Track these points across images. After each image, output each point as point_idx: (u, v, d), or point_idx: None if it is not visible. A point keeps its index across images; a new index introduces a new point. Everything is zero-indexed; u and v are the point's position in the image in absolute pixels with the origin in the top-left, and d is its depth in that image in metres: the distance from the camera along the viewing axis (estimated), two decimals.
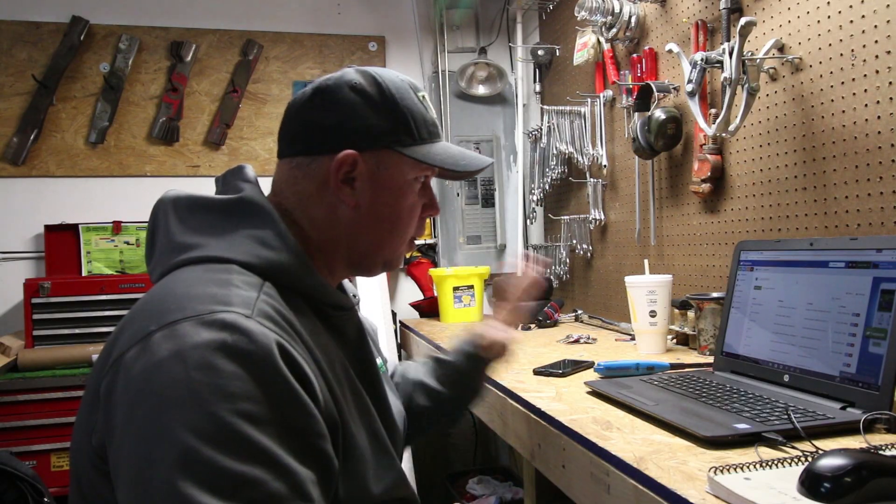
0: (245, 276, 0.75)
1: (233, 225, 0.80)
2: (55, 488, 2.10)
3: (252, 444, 0.63)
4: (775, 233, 1.51)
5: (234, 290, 0.72)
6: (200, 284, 0.72)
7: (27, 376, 2.21)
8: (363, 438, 0.82)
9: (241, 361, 0.65)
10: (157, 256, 0.82)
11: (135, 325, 0.70)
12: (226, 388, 0.63)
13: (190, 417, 0.61)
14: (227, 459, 0.61)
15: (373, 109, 0.85)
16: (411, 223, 0.92)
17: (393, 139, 0.86)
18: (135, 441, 0.63)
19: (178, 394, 0.62)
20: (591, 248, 2.47)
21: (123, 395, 0.66)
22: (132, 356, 0.66)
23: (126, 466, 0.63)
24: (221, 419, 0.62)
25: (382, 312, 2.61)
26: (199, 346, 0.64)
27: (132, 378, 0.65)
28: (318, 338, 0.81)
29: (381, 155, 0.86)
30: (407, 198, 0.89)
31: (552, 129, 2.55)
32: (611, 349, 1.74)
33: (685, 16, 1.81)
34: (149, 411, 0.63)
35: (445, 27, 3.11)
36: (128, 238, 2.71)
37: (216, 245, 0.78)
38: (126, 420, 0.64)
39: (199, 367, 0.63)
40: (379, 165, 0.86)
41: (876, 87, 1.24)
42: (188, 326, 0.66)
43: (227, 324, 0.67)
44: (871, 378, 0.95)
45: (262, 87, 2.95)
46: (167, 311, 0.69)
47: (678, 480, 0.78)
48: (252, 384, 0.65)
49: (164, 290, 0.74)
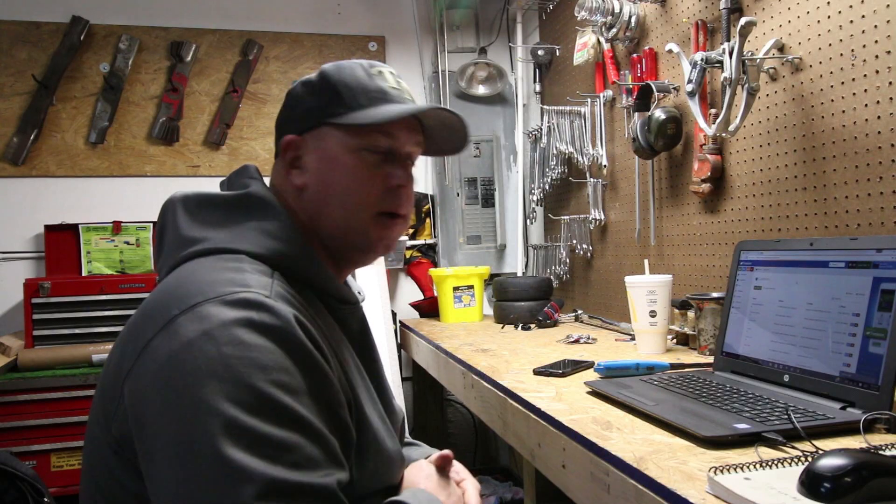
0: (256, 265, 0.78)
1: (240, 218, 0.83)
2: (55, 488, 2.11)
3: (290, 411, 0.66)
4: (775, 233, 1.51)
5: (249, 275, 0.75)
6: (216, 271, 0.74)
7: (27, 376, 2.21)
8: (375, 420, 0.84)
9: (269, 335, 0.68)
10: (166, 253, 0.83)
11: (155, 314, 0.71)
12: (259, 360, 0.66)
13: (228, 390, 0.63)
14: (268, 426, 0.64)
15: (310, 94, 0.89)
16: (365, 193, 0.87)
17: (325, 113, 0.87)
18: (174, 420, 0.64)
19: (213, 369, 0.64)
20: (591, 248, 2.47)
21: (154, 380, 0.66)
22: (158, 342, 0.68)
23: (166, 447, 0.64)
24: (259, 389, 0.64)
25: (382, 312, 2.61)
26: (226, 324, 0.67)
27: (161, 363, 0.66)
28: (326, 325, 0.83)
29: (320, 132, 0.88)
30: (350, 167, 0.86)
31: (552, 129, 2.55)
32: (611, 349, 1.74)
33: (685, 16, 1.81)
34: (185, 390, 0.64)
35: (445, 27, 3.11)
36: (128, 238, 2.71)
37: (224, 237, 0.80)
38: (161, 402, 0.65)
39: (229, 342, 0.66)
40: (319, 143, 0.88)
41: (876, 87, 1.24)
42: (212, 307, 0.68)
43: (250, 302, 0.69)
44: (871, 378, 0.95)
45: (262, 87, 2.95)
46: (188, 296, 0.70)
47: (678, 480, 0.78)
48: (282, 356, 0.68)
49: (179, 279, 0.75)
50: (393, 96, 0.88)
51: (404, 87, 0.91)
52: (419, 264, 3.06)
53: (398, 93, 0.89)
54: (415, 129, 0.91)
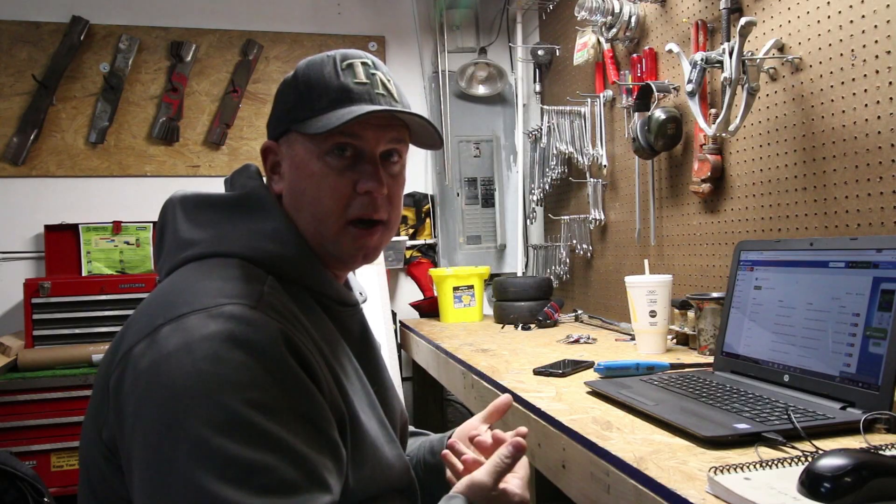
0: (249, 270, 0.77)
1: (236, 220, 0.82)
2: (55, 488, 2.11)
3: (263, 431, 0.64)
4: (775, 233, 1.51)
5: (239, 284, 0.73)
6: (206, 279, 0.74)
7: (27, 376, 2.21)
8: (373, 427, 0.82)
9: (247, 350, 0.66)
10: (165, 254, 0.83)
11: (142, 320, 0.71)
12: (233, 377, 0.64)
13: (200, 408, 0.62)
14: (238, 447, 0.62)
15: (283, 95, 0.86)
16: (332, 200, 0.82)
17: (291, 119, 0.84)
18: (146, 433, 0.64)
19: (186, 385, 0.63)
20: (591, 248, 2.47)
21: (132, 388, 0.66)
22: (140, 350, 0.67)
23: (139, 458, 0.64)
24: (230, 408, 0.63)
25: (382, 312, 2.61)
26: (206, 338, 0.65)
27: (140, 372, 0.66)
28: (323, 330, 0.81)
29: (289, 138, 0.85)
30: (317, 174, 0.82)
31: (552, 129, 2.55)
32: (611, 349, 1.74)
33: (685, 16, 1.81)
34: (159, 404, 0.64)
35: (445, 27, 3.11)
36: (128, 238, 2.71)
37: (219, 241, 0.80)
38: (137, 413, 0.65)
39: (205, 357, 0.64)
40: (289, 149, 0.85)
41: (876, 87, 1.24)
42: (195, 319, 0.67)
43: (233, 315, 0.68)
44: (871, 378, 0.95)
45: (262, 87, 2.95)
46: (174, 306, 0.70)
47: (678, 480, 0.78)
48: (260, 372, 0.66)
49: (171, 286, 0.75)
50: (357, 94, 0.82)
51: (377, 80, 0.84)
52: (419, 264, 3.06)
53: (365, 88, 0.82)
54: (389, 126, 0.84)
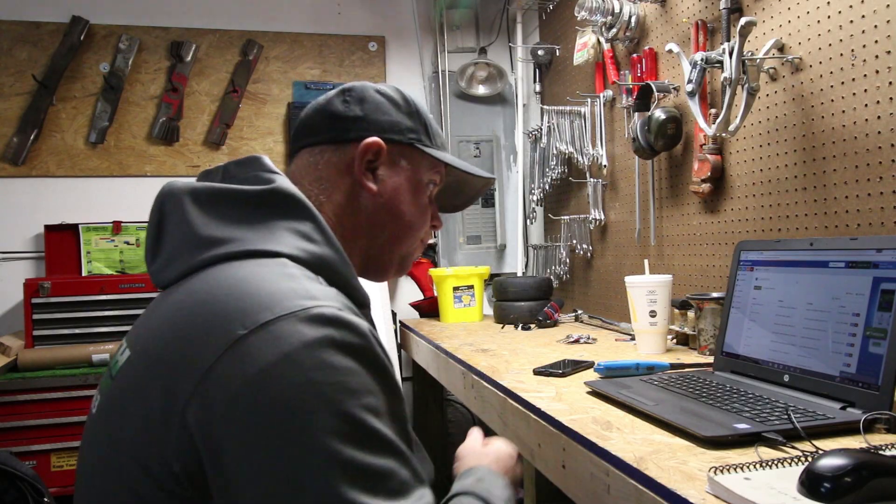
0: (304, 270, 0.72)
1: (269, 217, 0.75)
2: (55, 488, 2.11)
3: (381, 436, 0.63)
4: (775, 233, 1.51)
5: (309, 283, 0.68)
6: (270, 279, 0.67)
7: (27, 376, 2.21)
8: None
9: (352, 355, 0.64)
10: (174, 250, 0.75)
11: (210, 331, 0.63)
12: (348, 384, 0.62)
13: (323, 420, 0.60)
14: (368, 455, 0.61)
15: (397, 109, 0.89)
16: (424, 223, 0.93)
17: (416, 137, 0.90)
18: (265, 456, 0.59)
19: (302, 398, 0.60)
20: (591, 248, 2.47)
21: (229, 414, 0.60)
22: (224, 370, 0.61)
23: (260, 483, 0.59)
24: (353, 416, 0.62)
25: (382, 312, 2.61)
26: (307, 346, 0.61)
27: (235, 395, 0.60)
28: None
29: (404, 150, 0.89)
30: (422, 196, 0.91)
31: (552, 129, 2.55)
32: (611, 349, 1.74)
33: (685, 16, 1.81)
34: (274, 423, 0.59)
35: (445, 27, 3.11)
36: (128, 238, 2.71)
37: (257, 238, 0.73)
38: (243, 438, 0.60)
39: (316, 367, 0.61)
40: (401, 159, 0.89)
41: (876, 87, 1.24)
42: (286, 325, 0.62)
43: (328, 318, 0.64)
44: (871, 378, 0.95)
45: (262, 87, 2.95)
46: (250, 311, 0.63)
47: (678, 480, 0.78)
48: (367, 377, 0.64)
49: (227, 288, 0.67)
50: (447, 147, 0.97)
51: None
52: (419, 264, 3.06)
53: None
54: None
